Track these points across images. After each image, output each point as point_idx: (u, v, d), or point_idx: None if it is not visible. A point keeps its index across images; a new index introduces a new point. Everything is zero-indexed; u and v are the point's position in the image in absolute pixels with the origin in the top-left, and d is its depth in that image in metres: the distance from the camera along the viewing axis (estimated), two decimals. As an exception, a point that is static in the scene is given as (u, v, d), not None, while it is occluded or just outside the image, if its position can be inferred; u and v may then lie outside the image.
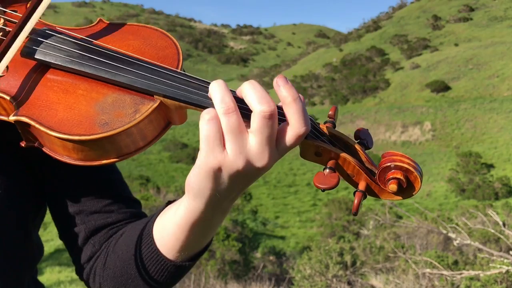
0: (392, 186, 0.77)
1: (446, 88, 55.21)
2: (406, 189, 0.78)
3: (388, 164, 0.77)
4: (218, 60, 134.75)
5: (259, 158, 0.77)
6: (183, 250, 0.94)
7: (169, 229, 0.92)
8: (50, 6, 0.94)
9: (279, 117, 0.77)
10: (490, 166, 35.58)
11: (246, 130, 0.77)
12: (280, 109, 0.78)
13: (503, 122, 44.91)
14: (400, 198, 0.80)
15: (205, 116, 0.76)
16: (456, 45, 70.05)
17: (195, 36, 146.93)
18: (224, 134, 0.76)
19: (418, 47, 73.73)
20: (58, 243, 17.50)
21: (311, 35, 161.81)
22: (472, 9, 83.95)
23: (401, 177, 0.77)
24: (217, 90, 0.77)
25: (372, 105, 58.59)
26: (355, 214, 0.78)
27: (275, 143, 0.78)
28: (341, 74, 72.41)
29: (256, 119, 0.75)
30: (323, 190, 0.77)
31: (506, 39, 63.80)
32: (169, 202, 0.98)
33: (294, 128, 0.76)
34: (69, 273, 13.44)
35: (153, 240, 0.96)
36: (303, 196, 33.04)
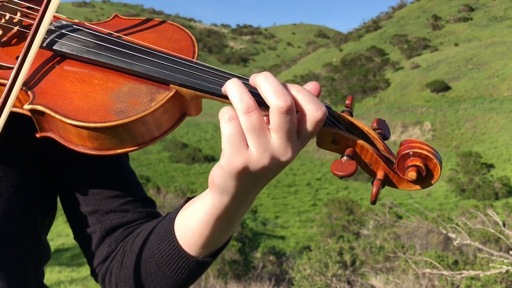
0: (411, 174, 0.75)
1: (446, 88, 55.19)
2: (425, 177, 0.76)
3: (407, 151, 0.75)
4: (218, 60, 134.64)
5: (284, 153, 0.76)
6: (206, 246, 0.93)
7: (192, 225, 0.91)
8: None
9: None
10: (490, 166, 35.56)
11: (267, 127, 0.76)
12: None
13: (503, 122, 44.89)
14: (419, 187, 0.78)
15: (225, 116, 0.75)
16: (456, 45, 70.02)
17: (195, 36, 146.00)
18: (246, 133, 0.75)
19: (418, 47, 73.70)
20: (58, 243, 17.48)
21: (311, 35, 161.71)
22: (472, 9, 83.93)
23: (421, 164, 0.75)
24: (234, 88, 0.75)
25: (372, 105, 58.57)
26: (374, 203, 0.75)
27: (297, 135, 0.77)
28: (341, 74, 72.37)
29: (274, 116, 0.73)
30: (341, 177, 0.75)
31: (506, 39, 63.78)
32: (189, 199, 0.97)
33: (310, 115, 0.75)
34: (69, 273, 13.43)
35: (175, 237, 0.95)
36: (303, 196, 33.05)
